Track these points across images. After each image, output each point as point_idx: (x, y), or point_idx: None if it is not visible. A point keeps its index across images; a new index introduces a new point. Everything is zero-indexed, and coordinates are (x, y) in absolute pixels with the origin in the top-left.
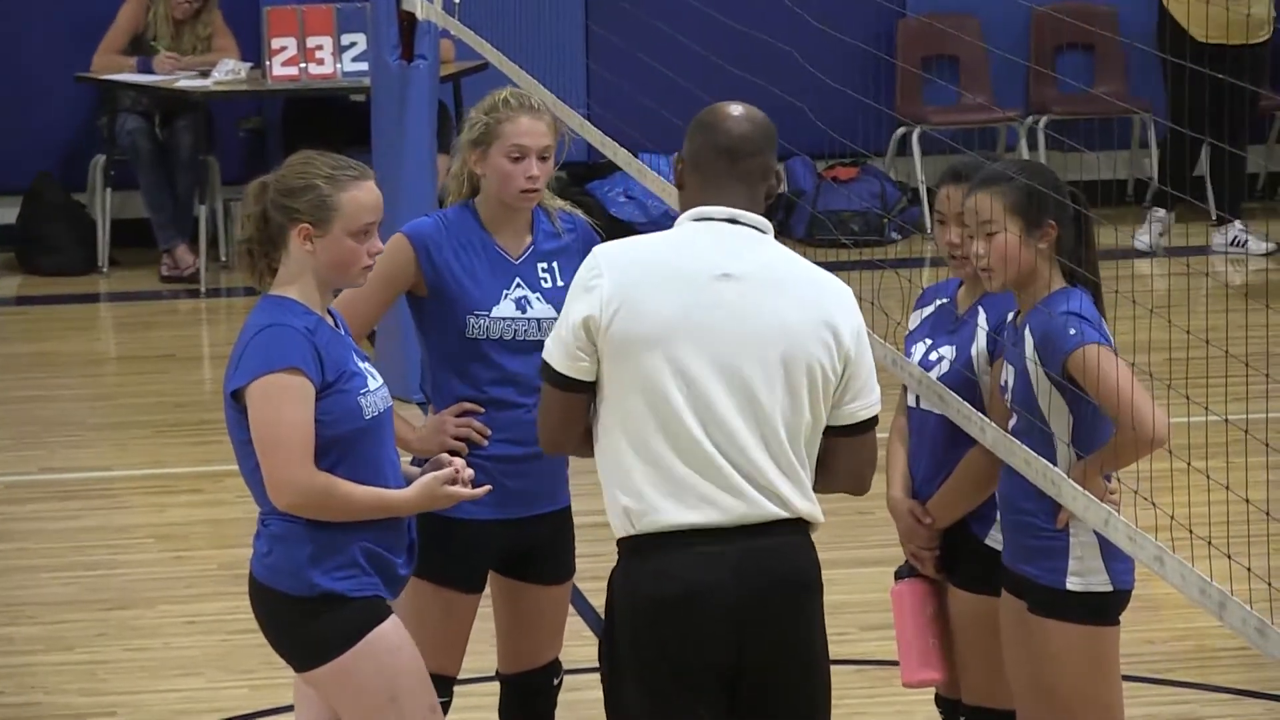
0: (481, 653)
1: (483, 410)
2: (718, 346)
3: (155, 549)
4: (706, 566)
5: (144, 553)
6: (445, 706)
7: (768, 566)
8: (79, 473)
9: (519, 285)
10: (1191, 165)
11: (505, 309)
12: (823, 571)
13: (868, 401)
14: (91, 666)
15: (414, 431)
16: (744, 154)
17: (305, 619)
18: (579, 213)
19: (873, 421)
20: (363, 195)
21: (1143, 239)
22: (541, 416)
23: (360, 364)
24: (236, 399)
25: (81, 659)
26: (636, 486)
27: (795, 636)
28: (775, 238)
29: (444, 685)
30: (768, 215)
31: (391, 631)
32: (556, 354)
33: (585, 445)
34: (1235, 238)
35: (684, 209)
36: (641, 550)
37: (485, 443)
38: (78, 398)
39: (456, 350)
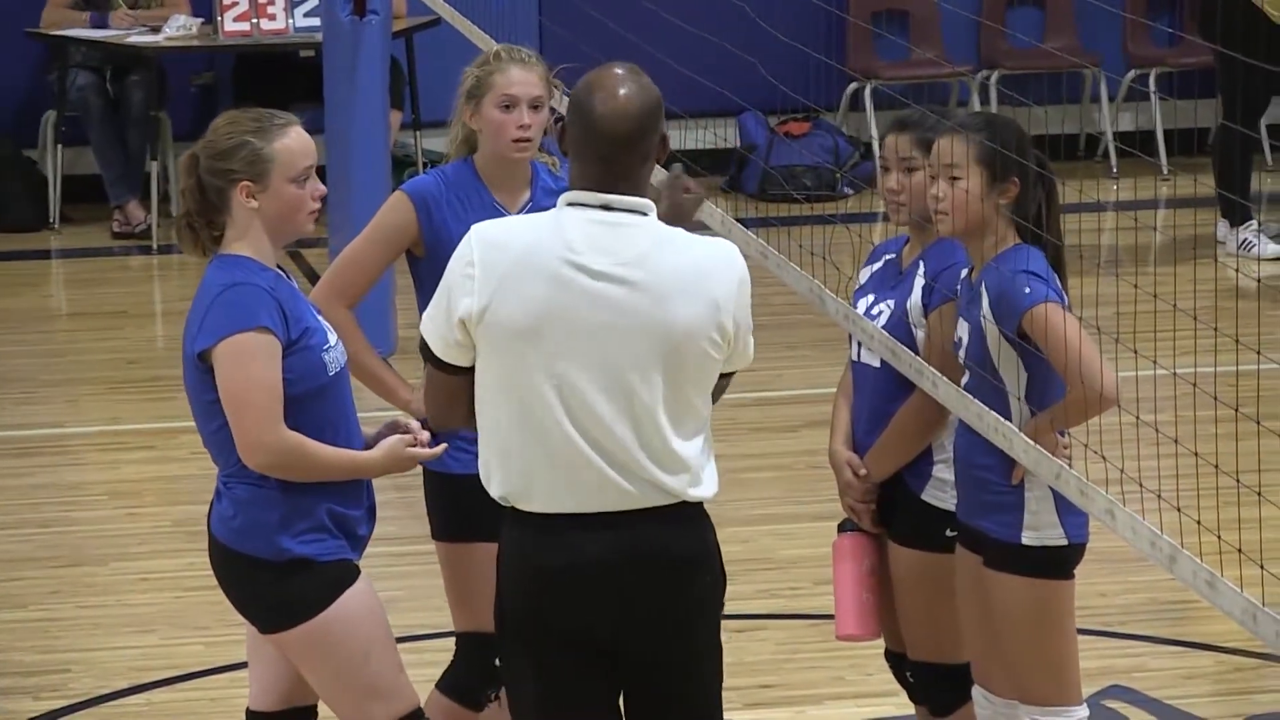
0: (439, 608)
1: None
2: (589, 344)
3: (109, 506)
4: (584, 540)
5: (97, 510)
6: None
7: (647, 543)
8: (31, 429)
9: None
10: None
11: None
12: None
13: (740, 363)
14: (45, 624)
15: (412, 393)
16: (606, 133)
17: (275, 583)
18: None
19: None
20: (293, 142)
21: (1270, 248)
22: (427, 394)
23: (317, 318)
24: (202, 359)
25: (35, 616)
26: (512, 468)
27: (675, 614)
28: (727, 191)
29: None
30: (720, 169)
31: (362, 593)
32: (434, 339)
33: (472, 419)
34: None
35: (570, 187)
36: (520, 522)
37: None
38: (30, 354)
39: None
